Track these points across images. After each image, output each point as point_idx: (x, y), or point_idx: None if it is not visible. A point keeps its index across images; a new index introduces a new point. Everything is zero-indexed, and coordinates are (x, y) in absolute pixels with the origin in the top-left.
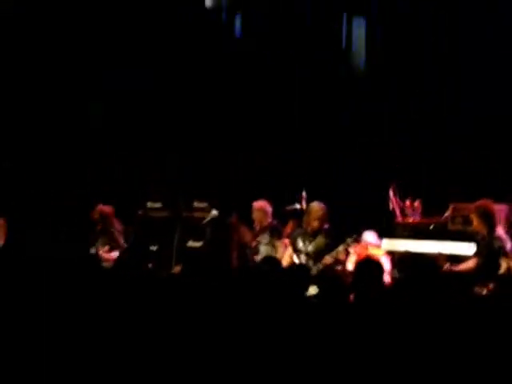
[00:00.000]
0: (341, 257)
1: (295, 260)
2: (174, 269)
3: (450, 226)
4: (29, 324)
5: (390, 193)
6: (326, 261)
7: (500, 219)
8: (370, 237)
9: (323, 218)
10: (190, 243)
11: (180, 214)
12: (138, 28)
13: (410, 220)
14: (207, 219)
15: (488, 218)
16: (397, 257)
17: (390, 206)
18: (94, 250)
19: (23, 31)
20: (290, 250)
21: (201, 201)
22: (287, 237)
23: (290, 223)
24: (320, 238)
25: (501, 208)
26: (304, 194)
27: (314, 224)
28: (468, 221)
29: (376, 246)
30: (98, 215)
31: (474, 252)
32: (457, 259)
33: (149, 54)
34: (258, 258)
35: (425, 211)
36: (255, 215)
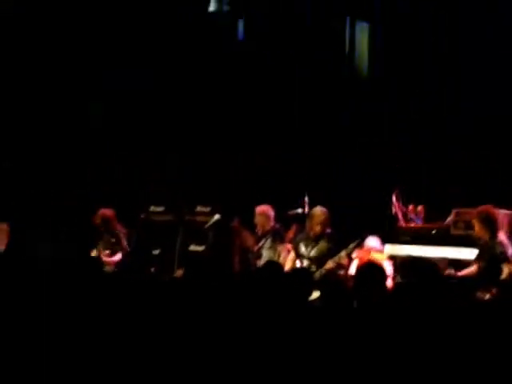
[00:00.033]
0: (343, 261)
1: (297, 264)
2: (176, 273)
3: (453, 231)
4: (31, 328)
5: (393, 198)
6: (329, 265)
7: (502, 224)
8: (372, 242)
9: (325, 223)
10: (192, 247)
11: (182, 218)
12: (139, 28)
13: (412, 225)
14: (209, 223)
15: (490, 223)
16: (399, 262)
17: (393, 211)
18: (95, 253)
19: (23, 31)
20: (293, 254)
21: (203, 205)
22: (290, 241)
23: (293, 228)
24: (323, 243)
25: (503, 213)
26: (306, 198)
27: (317, 229)
28: (470, 226)
29: (378, 250)
30: (100, 219)
31: (476, 257)
32: (459, 264)
33: (149, 54)
34: (261, 262)
35: (427, 216)
36: (257, 219)
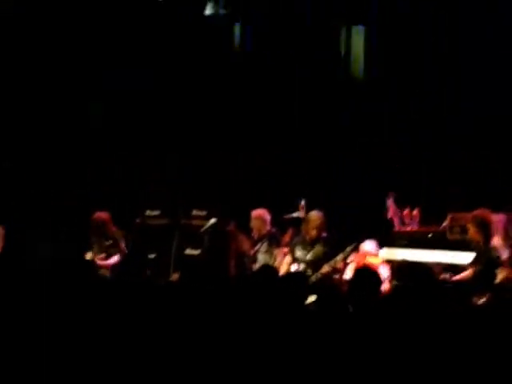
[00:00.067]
0: (339, 266)
1: (293, 268)
2: (172, 276)
3: (449, 236)
4: (27, 332)
5: (389, 202)
6: (325, 270)
7: (497, 229)
8: (368, 246)
9: (321, 227)
10: (188, 251)
11: (178, 222)
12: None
13: (408, 229)
14: (205, 227)
15: (484, 227)
16: (395, 266)
17: (389, 215)
18: (89, 256)
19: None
20: (289, 258)
21: (200, 209)
22: (286, 245)
23: (289, 232)
24: (319, 247)
25: (498, 217)
26: (303, 202)
27: (313, 233)
28: (466, 230)
29: (374, 254)
30: (95, 222)
31: (471, 261)
32: (455, 269)
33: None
34: (257, 266)
35: (423, 220)
36: (254, 223)
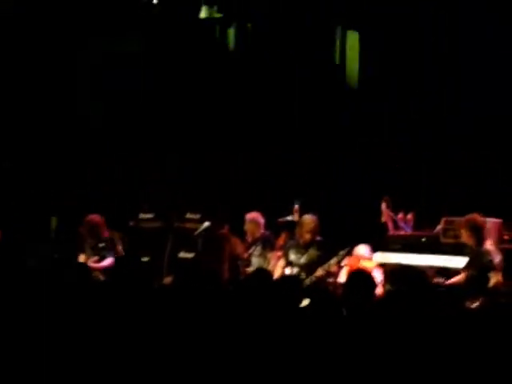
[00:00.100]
0: (333, 269)
1: (287, 272)
2: (165, 280)
3: (442, 240)
4: (20, 335)
5: (383, 205)
6: (319, 273)
7: (490, 233)
8: (362, 249)
9: (315, 231)
10: (182, 254)
11: (172, 225)
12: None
13: (402, 233)
14: (199, 230)
15: (477, 231)
16: (389, 269)
17: (383, 219)
18: (82, 258)
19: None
20: (282, 261)
21: (194, 212)
22: (280, 249)
23: (283, 235)
24: (312, 251)
25: (492, 222)
26: (297, 206)
27: (307, 236)
28: (460, 234)
29: (368, 258)
30: (88, 224)
31: (464, 265)
32: (448, 272)
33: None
34: (250, 269)
35: (417, 224)
36: (247, 227)
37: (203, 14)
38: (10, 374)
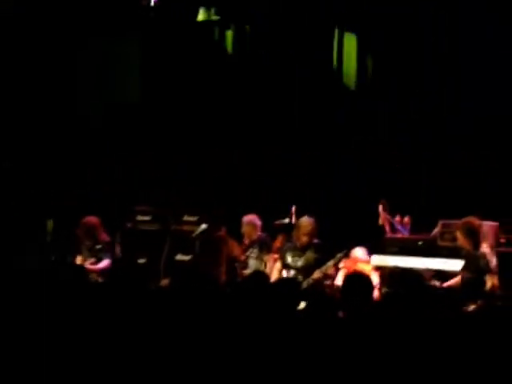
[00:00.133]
0: (330, 272)
1: (284, 274)
2: (162, 282)
3: (439, 243)
4: (18, 337)
5: (380, 208)
6: (316, 276)
7: (486, 236)
8: (359, 252)
9: (312, 233)
10: (179, 256)
11: (169, 227)
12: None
13: (399, 236)
14: (196, 232)
15: (472, 234)
16: (386, 272)
17: (380, 222)
18: (79, 260)
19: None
20: (279, 264)
21: (191, 214)
22: (276, 251)
23: (280, 237)
24: (310, 253)
25: (489, 225)
26: (293, 208)
27: (304, 239)
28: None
29: (365, 261)
30: (85, 226)
31: (461, 268)
32: (445, 275)
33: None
34: (247, 272)
35: (414, 227)
36: (245, 229)
37: (201, 16)
38: (10, 376)
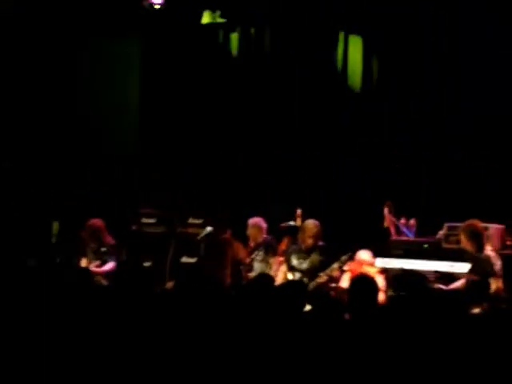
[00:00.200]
0: (335, 274)
1: (289, 277)
2: (167, 284)
3: (445, 245)
4: (22, 339)
5: (385, 210)
6: (321, 278)
7: (491, 239)
8: (364, 255)
9: (317, 236)
10: (184, 259)
11: (174, 230)
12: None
13: (404, 238)
14: (201, 235)
15: (476, 237)
16: (391, 275)
17: (385, 224)
18: (84, 263)
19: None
20: (285, 267)
21: (196, 217)
22: (282, 254)
23: (285, 240)
24: (315, 256)
25: (494, 228)
26: (299, 211)
27: (309, 241)
28: None
29: (370, 263)
30: (90, 229)
31: (466, 271)
32: (450, 278)
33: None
34: (253, 274)
35: (419, 229)
36: (250, 232)
37: (206, 19)
38: (13, 377)
